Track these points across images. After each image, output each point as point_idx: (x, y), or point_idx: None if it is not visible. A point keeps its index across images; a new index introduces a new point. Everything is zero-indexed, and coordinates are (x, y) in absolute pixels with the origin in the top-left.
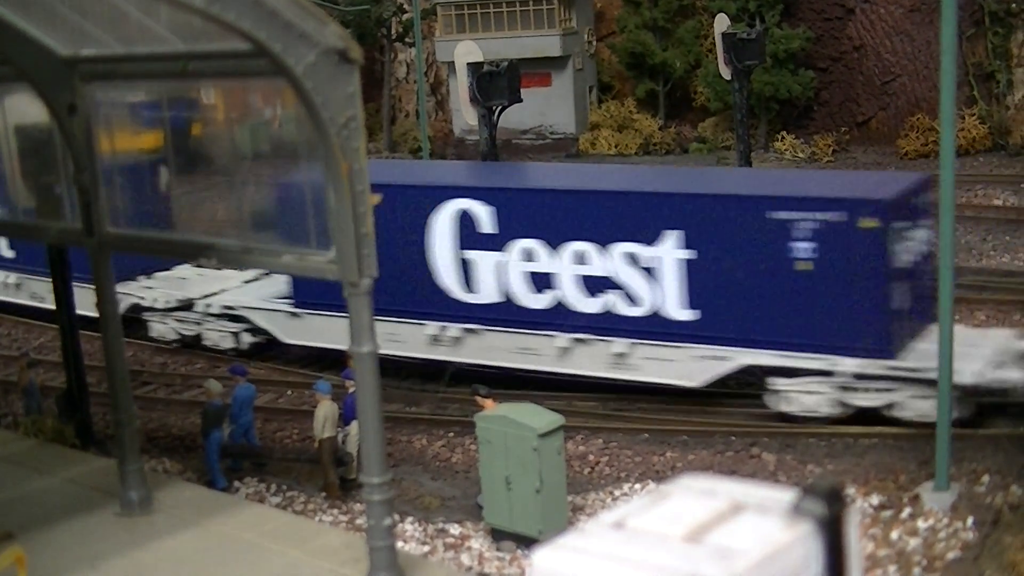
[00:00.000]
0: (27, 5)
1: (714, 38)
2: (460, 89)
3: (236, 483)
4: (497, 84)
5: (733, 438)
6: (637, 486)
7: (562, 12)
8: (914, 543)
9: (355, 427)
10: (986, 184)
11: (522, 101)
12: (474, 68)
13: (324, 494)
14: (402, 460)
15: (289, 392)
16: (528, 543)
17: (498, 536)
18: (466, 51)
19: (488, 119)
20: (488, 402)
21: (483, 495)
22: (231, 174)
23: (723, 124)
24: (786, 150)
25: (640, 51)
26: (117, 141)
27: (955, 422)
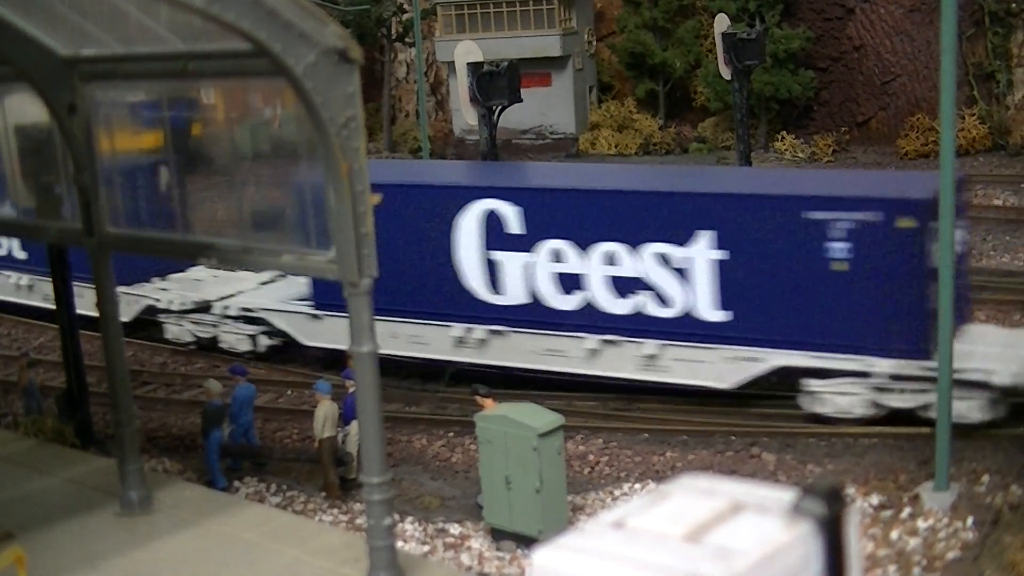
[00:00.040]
0: (27, 5)
1: (714, 38)
2: (460, 89)
3: (236, 483)
4: (497, 84)
5: (733, 438)
6: (637, 486)
7: (562, 12)
8: (914, 543)
9: (355, 427)
10: (986, 184)
11: (522, 101)
12: (474, 68)
13: (324, 494)
14: (402, 460)
15: (289, 392)
16: (528, 543)
17: (498, 536)
18: (466, 51)
19: (488, 119)
20: (488, 402)
21: (483, 495)
22: (231, 174)
23: (723, 124)
24: (786, 150)
25: (640, 51)
26: (117, 141)
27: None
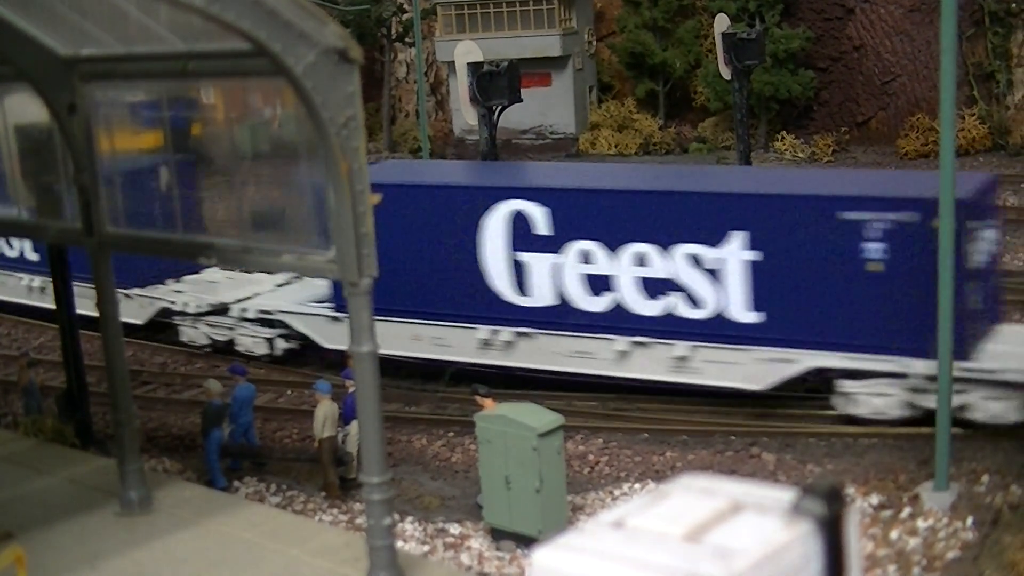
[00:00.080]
0: (27, 5)
1: (714, 38)
2: (460, 89)
3: (236, 483)
4: (497, 84)
5: (733, 438)
6: (637, 486)
7: (562, 12)
8: (914, 543)
9: (355, 427)
10: None
11: (522, 101)
12: (474, 68)
13: (324, 494)
14: (402, 460)
15: (289, 392)
16: (528, 543)
17: (498, 536)
18: (466, 51)
19: (488, 119)
20: (488, 402)
21: (483, 495)
22: (231, 174)
23: (723, 124)
24: (786, 150)
25: (640, 51)
26: (117, 141)
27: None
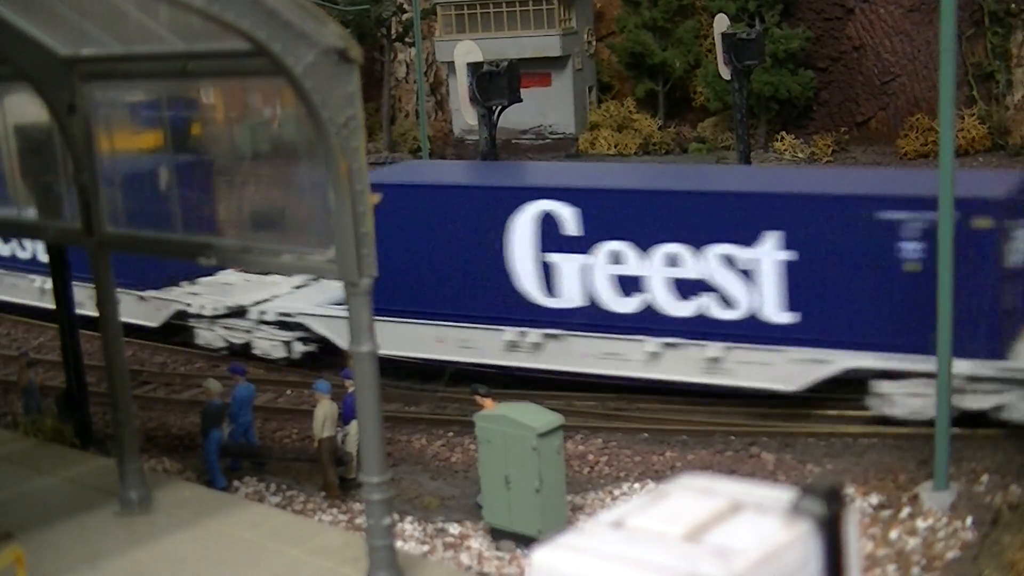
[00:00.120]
0: (27, 5)
1: (714, 38)
2: (460, 89)
3: (235, 482)
4: (497, 84)
5: (732, 438)
6: (636, 485)
7: (562, 12)
8: (913, 543)
9: (354, 426)
10: None
11: (522, 101)
12: (474, 68)
13: (323, 493)
14: (401, 460)
15: (288, 391)
16: (527, 542)
17: (497, 535)
18: (466, 51)
19: (488, 119)
20: (487, 402)
21: (482, 495)
22: (231, 174)
23: (722, 124)
24: (785, 150)
25: (640, 51)
26: (117, 141)
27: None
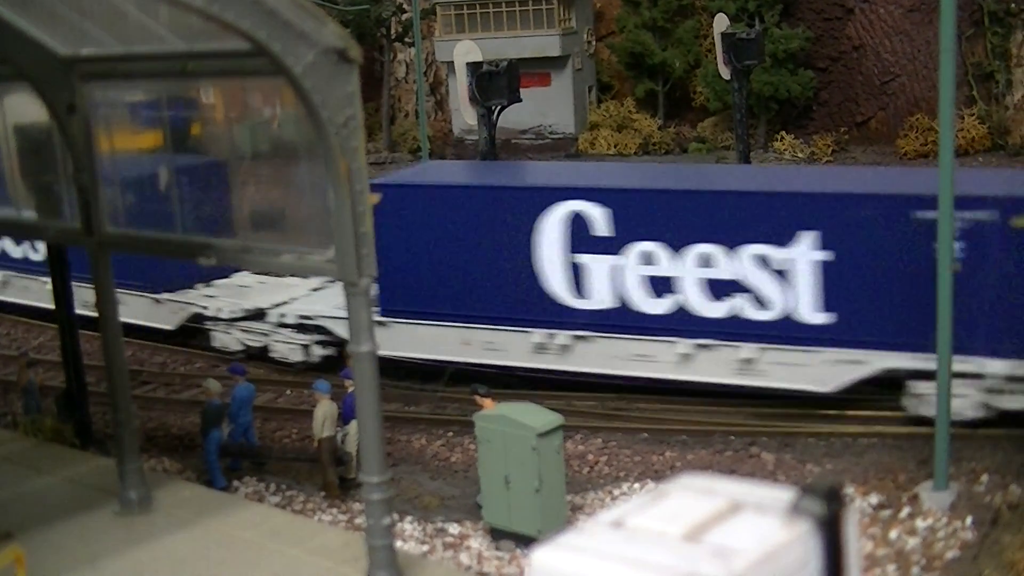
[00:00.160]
0: (27, 5)
1: (713, 38)
2: (460, 89)
3: (235, 482)
4: (497, 84)
5: (732, 437)
6: (636, 485)
7: (562, 12)
8: (913, 542)
9: (354, 426)
10: None
11: (521, 101)
12: (473, 68)
13: (323, 493)
14: (401, 459)
15: (288, 391)
16: (527, 542)
17: (497, 535)
18: (465, 51)
19: (488, 119)
20: (487, 401)
21: (482, 494)
22: (231, 174)
23: (722, 124)
24: (785, 150)
25: (639, 51)
26: (116, 141)
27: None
